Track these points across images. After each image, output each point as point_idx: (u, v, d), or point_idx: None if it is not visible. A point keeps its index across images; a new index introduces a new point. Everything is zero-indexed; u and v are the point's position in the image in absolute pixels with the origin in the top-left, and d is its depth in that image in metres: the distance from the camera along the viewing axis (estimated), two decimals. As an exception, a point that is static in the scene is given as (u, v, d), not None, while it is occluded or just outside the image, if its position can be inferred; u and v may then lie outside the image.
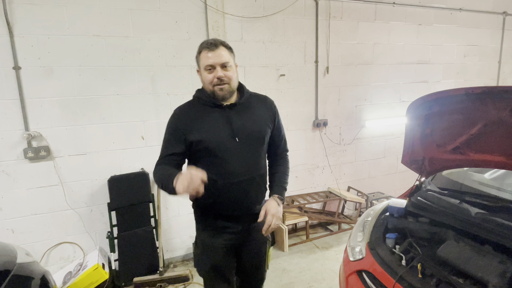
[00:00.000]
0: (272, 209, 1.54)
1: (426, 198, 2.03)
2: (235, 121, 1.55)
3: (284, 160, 1.78)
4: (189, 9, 2.95)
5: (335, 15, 3.55)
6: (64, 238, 2.87)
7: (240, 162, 1.54)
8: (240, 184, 1.55)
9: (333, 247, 3.44)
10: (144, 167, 3.01)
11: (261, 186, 1.65)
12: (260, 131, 1.60)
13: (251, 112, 1.61)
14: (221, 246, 1.63)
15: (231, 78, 1.52)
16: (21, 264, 1.81)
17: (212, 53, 1.48)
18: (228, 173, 1.53)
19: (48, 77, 2.62)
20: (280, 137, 1.75)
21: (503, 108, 1.60)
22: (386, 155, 4.21)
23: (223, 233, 1.63)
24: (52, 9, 2.55)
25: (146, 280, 2.83)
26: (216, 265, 1.67)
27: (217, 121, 1.54)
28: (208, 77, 1.51)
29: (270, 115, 1.67)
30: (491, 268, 1.40)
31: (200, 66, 1.55)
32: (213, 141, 1.51)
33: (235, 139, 1.53)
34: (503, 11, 4.48)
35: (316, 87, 3.62)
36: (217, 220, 1.62)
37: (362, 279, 1.73)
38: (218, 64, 1.49)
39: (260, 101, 1.69)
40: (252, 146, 1.58)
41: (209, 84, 1.52)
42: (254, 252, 1.72)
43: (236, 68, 1.59)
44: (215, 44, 1.49)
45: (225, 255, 1.66)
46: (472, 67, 4.51)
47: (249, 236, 1.67)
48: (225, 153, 1.52)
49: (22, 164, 2.65)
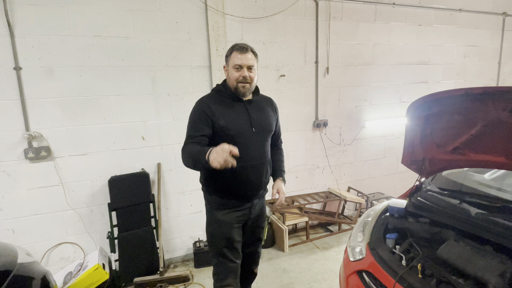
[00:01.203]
0: (282, 188, 1.96)
1: (426, 199, 2.03)
2: (252, 114, 1.84)
3: (281, 150, 2.18)
4: (190, 9, 2.95)
5: (335, 16, 3.55)
6: (64, 238, 2.87)
7: (256, 149, 1.83)
8: (254, 168, 1.83)
9: (333, 248, 3.44)
10: (144, 167, 3.01)
11: (269, 170, 1.96)
12: (270, 125, 1.93)
13: (263, 109, 1.92)
14: (234, 222, 1.90)
15: (253, 79, 1.80)
16: (22, 264, 1.81)
17: (242, 56, 1.75)
18: (245, 157, 1.72)
19: (48, 77, 2.62)
20: (279, 133, 2.14)
21: (503, 109, 1.60)
22: (386, 156, 4.21)
23: (236, 211, 1.90)
24: (52, 9, 2.56)
25: (147, 281, 2.83)
26: (230, 239, 1.90)
27: (239, 112, 1.81)
28: (235, 74, 1.76)
29: (274, 114, 2.01)
30: (491, 268, 1.40)
31: (229, 64, 1.79)
32: (236, 128, 1.77)
33: (252, 129, 1.82)
34: (503, 12, 4.49)
35: (316, 88, 3.62)
36: (231, 200, 1.88)
37: (362, 279, 1.73)
38: (245, 66, 1.75)
39: (267, 101, 2.01)
40: (264, 137, 1.89)
41: (235, 81, 1.77)
42: (257, 226, 2.06)
43: (257, 72, 1.85)
44: (246, 48, 1.76)
45: (237, 230, 1.93)
46: (472, 67, 4.51)
47: (254, 213, 1.98)
48: (244, 139, 1.78)
49: (23, 164, 2.65)
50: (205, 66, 3.08)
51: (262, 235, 2.14)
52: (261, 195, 2.00)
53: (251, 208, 1.95)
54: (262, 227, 2.11)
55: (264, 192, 2.03)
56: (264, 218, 2.12)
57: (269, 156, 1.96)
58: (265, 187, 1.99)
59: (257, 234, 2.10)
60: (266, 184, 1.97)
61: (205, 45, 3.05)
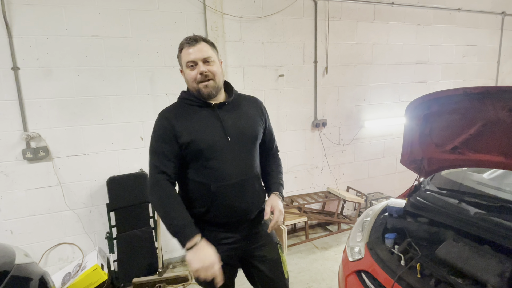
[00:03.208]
0: (278, 205, 1.50)
1: (425, 198, 2.03)
2: (226, 120, 1.46)
3: (277, 159, 1.72)
4: (188, 9, 2.94)
5: (334, 16, 3.55)
6: (63, 239, 2.86)
7: (234, 163, 1.45)
8: (234, 187, 1.44)
9: (332, 247, 3.43)
10: (143, 167, 3.01)
11: (256, 188, 1.54)
12: (252, 130, 1.52)
13: (241, 112, 1.53)
14: (223, 261, 1.37)
15: (215, 74, 1.44)
16: (20, 265, 1.81)
17: (193, 48, 1.41)
18: (221, 175, 1.42)
19: (46, 77, 2.62)
20: (272, 139, 1.70)
21: (502, 108, 1.60)
22: (385, 155, 4.21)
23: (221, 245, 1.46)
24: (50, 9, 2.55)
25: (145, 281, 2.82)
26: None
27: (207, 121, 1.45)
28: (191, 74, 1.43)
29: (260, 115, 1.60)
30: (490, 268, 1.40)
31: (182, 64, 1.47)
32: (205, 141, 1.41)
33: (227, 138, 1.44)
34: (501, 11, 4.49)
35: (315, 88, 3.62)
36: (213, 232, 1.47)
37: (361, 279, 1.73)
38: (200, 59, 1.41)
39: (250, 101, 1.61)
40: (245, 146, 1.50)
41: (193, 82, 1.44)
42: (264, 259, 1.59)
43: (221, 65, 1.51)
44: (195, 39, 1.43)
45: (228, 269, 1.49)
46: (471, 67, 4.51)
47: (253, 244, 1.56)
48: (218, 153, 1.42)
49: (21, 165, 2.65)
50: (203, 66, 3.07)
51: (278, 268, 1.61)
52: (255, 220, 1.56)
53: (246, 240, 1.54)
54: (272, 259, 1.60)
55: (262, 216, 1.55)
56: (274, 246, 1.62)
57: (257, 169, 1.54)
58: (258, 209, 1.56)
59: (268, 268, 1.58)
60: (257, 206, 1.55)
61: (204, 45, 3.04)
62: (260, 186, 1.59)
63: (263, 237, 1.59)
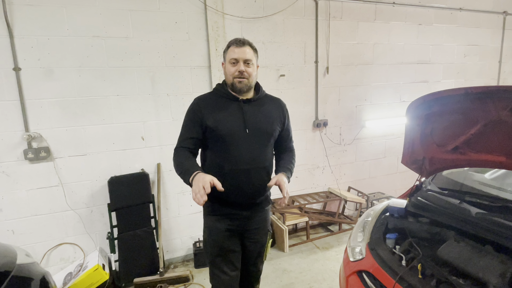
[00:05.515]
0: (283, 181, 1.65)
1: (427, 198, 2.03)
2: (248, 114, 1.69)
3: (292, 153, 1.91)
4: (189, 9, 2.95)
5: (335, 15, 3.55)
6: (64, 239, 2.87)
7: (247, 152, 1.67)
8: (245, 172, 1.67)
9: (333, 248, 3.43)
10: (144, 167, 3.01)
11: (264, 178, 1.74)
12: (269, 128, 1.74)
13: (263, 110, 1.75)
14: (224, 229, 1.75)
15: (250, 74, 1.68)
16: (21, 265, 1.81)
17: (239, 49, 1.65)
18: (234, 159, 1.65)
19: (48, 78, 2.62)
20: (289, 138, 1.91)
21: (503, 108, 1.60)
22: (387, 155, 4.21)
23: (227, 218, 1.75)
24: (52, 10, 2.56)
25: (147, 281, 2.83)
26: (222, 247, 1.77)
27: (232, 113, 1.69)
28: (231, 69, 1.67)
29: (280, 116, 1.81)
30: (491, 268, 1.40)
31: (226, 59, 1.71)
32: (226, 129, 1.65)
33: (246, 130, 1.67)
34: (503, 11, 4.48)
35: (316, 87, 3.61)
36: (222, 207, 1.74)
37: (362, 280, 1.73)
38: (242, 59, 1.65)
39: (273, 102, 1.84)
40: (260, 140, 1.71)
41: (230, 76, 1.68)
42: (255, 240, 1.85)
43: (257, 68, 1.75)
44: (243, 42, 1.67)
45: (229, 238, 1.77)
46: (473, 66, 4.50)
47: (251, 224, 1.80)
48: (235, 141, 1.65)
49: (22, 165, 2.65)
50: (204, 66, 3.07)
51: (262, 251, 1.91)
52: (259, 205, 1.80)
53: (247, 219, 1.78)
54: (261, 242, 1.87)
55: (264, 204, 1.83)
56: (266, 232, 1.88)
57: (267, 162, 1.75)
58: (262, 196, 1.79)
59: (256, 250, 1.88)
60: (262, 193, 1.77)
61: (205, 45, 3.05)
62: (268, 178, 1.76)
63: (260, 221, 1.83)
